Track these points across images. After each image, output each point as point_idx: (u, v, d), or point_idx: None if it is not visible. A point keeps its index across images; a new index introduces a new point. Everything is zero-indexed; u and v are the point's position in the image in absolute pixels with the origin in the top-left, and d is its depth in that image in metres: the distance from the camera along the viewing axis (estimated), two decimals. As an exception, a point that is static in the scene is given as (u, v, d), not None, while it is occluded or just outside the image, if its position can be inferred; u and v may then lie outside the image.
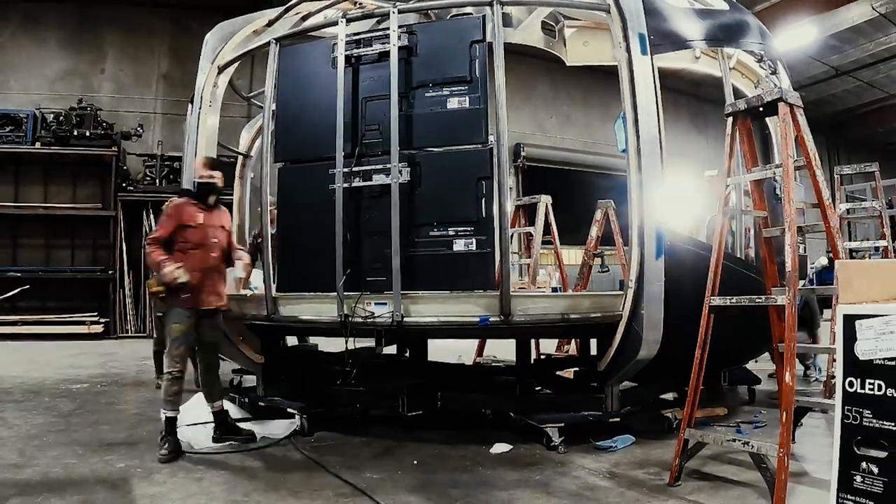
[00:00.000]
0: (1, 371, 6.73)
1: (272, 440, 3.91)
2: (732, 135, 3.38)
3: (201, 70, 5.07)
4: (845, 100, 18.41)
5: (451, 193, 3.94)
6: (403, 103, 3.98)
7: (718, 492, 2.93)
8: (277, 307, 4.24)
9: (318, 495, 2.90)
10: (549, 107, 16.06)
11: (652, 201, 3.74)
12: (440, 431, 4.12)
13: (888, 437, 1.65)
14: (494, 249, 3.82)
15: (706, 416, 4.44)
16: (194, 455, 3.58)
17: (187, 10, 12.51)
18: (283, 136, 4.42)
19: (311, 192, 4.21)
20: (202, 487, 3.01)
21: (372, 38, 4.18)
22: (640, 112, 3.80)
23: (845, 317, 1.78)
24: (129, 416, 4.66)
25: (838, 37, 14.63)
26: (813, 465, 3.29)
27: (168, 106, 12.75)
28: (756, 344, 4.79)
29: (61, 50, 12.52)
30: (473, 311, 3.82)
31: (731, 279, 4.24)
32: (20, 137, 11.14)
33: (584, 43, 6.04)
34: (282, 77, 4.40)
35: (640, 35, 3.87)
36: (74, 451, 3.63)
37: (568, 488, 3.00)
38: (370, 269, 3.99)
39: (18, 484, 3.00)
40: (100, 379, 6.46)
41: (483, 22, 4.01)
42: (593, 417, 3.93)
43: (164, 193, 11.58)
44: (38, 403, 5.02)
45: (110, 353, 8.80)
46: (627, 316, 3.75)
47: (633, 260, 3.77)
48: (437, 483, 3.09)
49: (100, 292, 11.52)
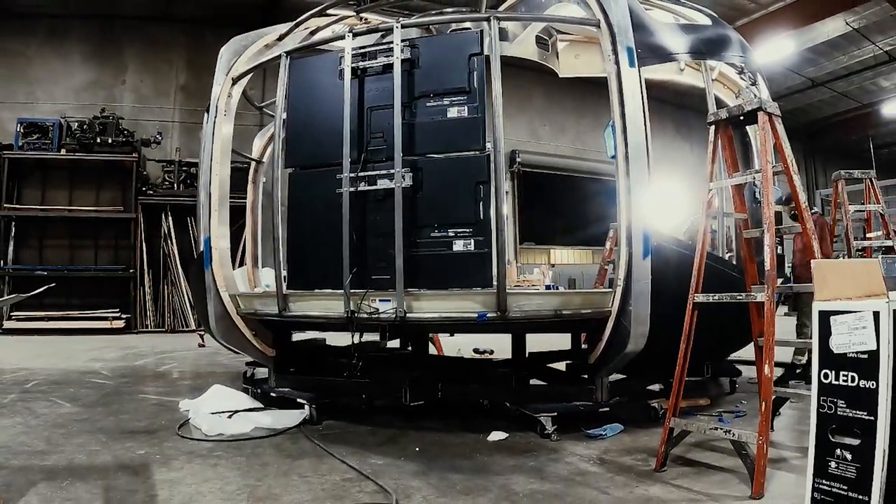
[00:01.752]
0: (29, 363, 6.74)
1: (283, 429, 3.91)
2: (715, 142, 3.39)
3: (216, 81, 5.07)
4: (821, 109, 18.43)
5: (451, 197, 3.94)
6: (406, 112, 3.98)
7: (701, 477, 2.93)
8: (288, 304, 4.24)
9: (326, 480, 2.91)
10: (543, 116, 16.06)
11: (639, 204, 3.74)
12: (441, 420, 4.13)
13: (860, 425, 1.66)
14: (492, 249, 3.82)
15: (690, 406, 4.44)
16: (210, 442, 3.59)
17: (203, 26, 12.51)
18: (293, 143, 4.42)
19: (320, 196, 4.21)
20: (217, 473, 3.01)
21: (377, 52, 4.18)
22: (628, 120, 3.80)
23: (820, 313, 1.78)
24: (149, 405, 4.67)
25: (814, 50, 14.66)
26: (791, 452, 3.30)
27: (185, 115, 12.76)
28: (736, 339, 4.79)
29: (85, 63, 12.53)
30: (472, 308, 3.82)
31: (713, 277, 4.26)
32: (47, 144, 11.15)
33: (575, 56, 6.04)
34: (292, 88, 4.40)
35: (628, 49, 3.88)
36: (97, 438, 3.63)
37: (560, 473, 3.00)
38: (375, 268, 3.99)
39: (45, 469, 3.00)
40: (121, 371, 6.47)
41: (481, 36, 4.02)
42: (584, 407, 3.94)
43: (182, 197, 11.65)
44: (63, 394, 5.03)
45: (131, 347, 8.81)
46: (616, 312, 3.75)
47: (621, 259, 3.77)
48: (437, 468, 3.10)
49: (121, 290, 11.52)
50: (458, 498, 2.65)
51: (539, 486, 2.80)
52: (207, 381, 5.49)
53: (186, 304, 11.54)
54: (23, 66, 12.20)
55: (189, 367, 7.00)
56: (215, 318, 4.71)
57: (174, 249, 11.75)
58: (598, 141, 12.75)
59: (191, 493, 2.69)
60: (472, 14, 5.23)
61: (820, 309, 1.78)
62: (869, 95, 18.07)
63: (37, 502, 2.54)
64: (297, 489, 2.78)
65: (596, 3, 4.10)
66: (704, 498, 2.63)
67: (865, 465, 1.64)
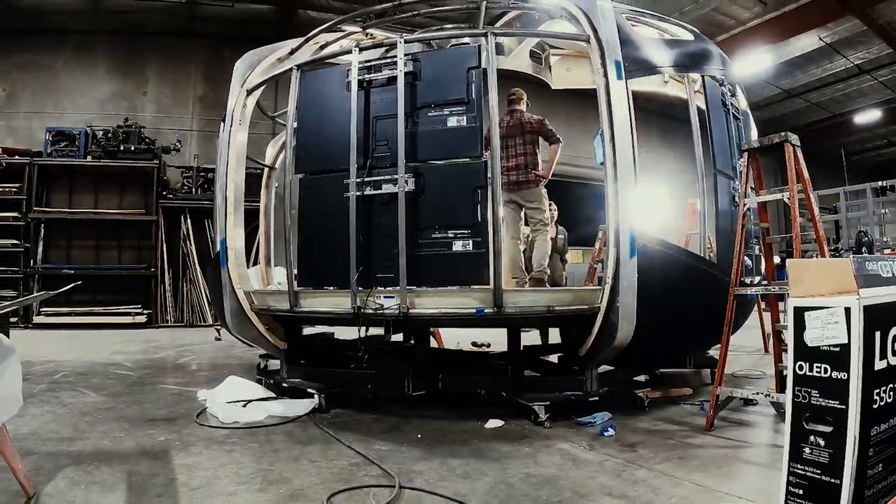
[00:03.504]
0: (57, 356, 6.74)
1: (294, 417, 3.91)
2: (746, 165, 3.75)
3: (231, 93, 5.07)
4: (796, 119, 18.41)
5: (451, 201, 3.94)
6: (409, 122, 3.98)
7: (685, 461, 2.93)
8: (299, 300, 4.24)
9: (334, 465, 2.91)
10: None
11: (626, 207, 3.74)
12: (441, 409, 4.12)
13: (832, 413, 1.66)
14: (488, 250, 3.82)
15: (675, 395, 4.45)
16: (226, 429, 3.59)
17: (220, 41, 12.51)
18: (304, 150, 4.42)
19: (328, 200, 4.21)
20: (233, 458, 3.01)
21: (381, 65, 4.18)
22: (616, 129, 3.80)
23: (795, 309, 1.78)
24: (169, 395, 4.67)
25: (790, 63, 14.66)
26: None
27: (203, 124, 12.76)
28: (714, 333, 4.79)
29: (109, 75, 12.54)
30: (470, 304, 3.83)
31: (700, 276, 4.28)
32: (74, 152, 11.17)
33: (567, 69, 6.06)
34: (302, 99, 4.40)
35: (616, 62, 3.88)
36: (121, 426, 3.63)
37: (553, 459, 3.00)
38: (380, 267, 3.99)
39: (72, 455, 3.00)
40: (143, 363, 6.46)
41: (478, 51, 4.02)
42: (575, 397, 3.94)
43: (200, 200, 11.65)
44: (89, 384, 5.03)
45: (152, 341, 8.81)
46: (605, 308, 3.75)
47: (609, 259, 3.77)
48: (438, 454, 3.09)
49: (143, 287, 11.52)
50: (458, 482, 2.65)
51: (533, 471, 2.80)
52: (223, 372, 5.49)
53: (204, 301, 11.54)
54: (52, 78, 12.21)
55: (206, 359, 7.00)
56: (231, 313, 4.71)
57: (192, 249, 11.75)
58: (588, 148, 12.74)
59: (208, 477, 2.69)
60: (470, 30, 5.23)
61: (795, 305, 1.78)
62: (840, 106, 18.06)
63: (65, 486, 2.54)
64: (307, 473, 2.77)
65: (586, 20, 4.10)
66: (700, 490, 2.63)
67: (837, 450, 1.64)
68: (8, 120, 11.93)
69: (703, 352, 5.12)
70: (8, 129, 11.84)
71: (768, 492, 2.49)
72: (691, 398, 4.37)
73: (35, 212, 11.01)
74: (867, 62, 14.83)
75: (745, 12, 12.43)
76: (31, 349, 7.05)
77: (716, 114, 4.62)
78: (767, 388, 3.99)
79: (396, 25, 6.36)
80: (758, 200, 3.81)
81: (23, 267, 10.82)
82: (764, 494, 2.45)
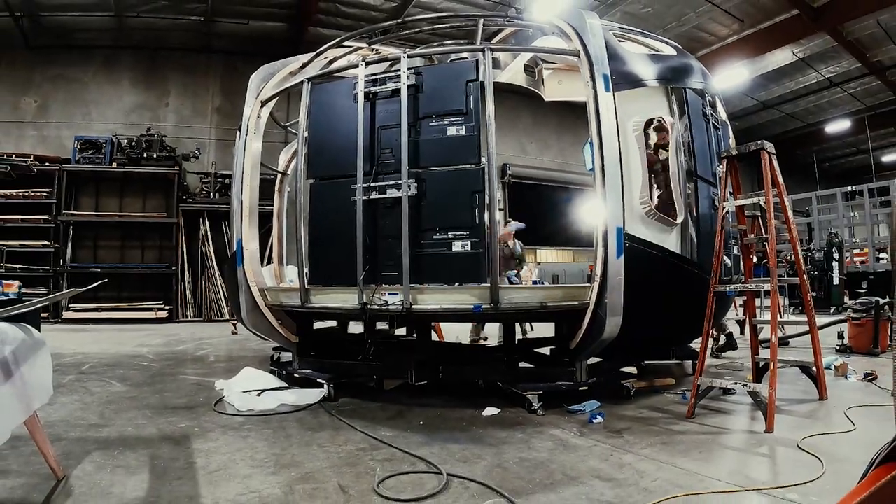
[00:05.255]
0: (85, 349, 6.74)
1: (305, 405, 3.91)
2: (725, 171, 3.82)
3: (247, 104, 5.07)
4: (771, 128, 18.41)
5: (451, 204, 3.93)
6: (412, 131, 3.98)
7: (668, 446, 2.93)
8: (309, 297, 4.24)
9: (342, 449, 2.91)
10: (530, 134, 16.05)
11: (614, 210, 3.74)
12: (441, 398, 4.13)
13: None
14: (486, 250, 3.82)
15: (658, 385, 4.45)
16: (242, 417, 3.59)
17: (236, 55, 12.52)
18: (314, 157, 4.42)
19: (337, 204, 4.21)
20: (248, 443, 3.01)
21: (386, 78, 4.18)
22: (604, 138, 3.80)
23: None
24: (189, 385, 4.67)
25: (765, 77, 14.67)
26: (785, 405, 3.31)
27: (220, 133, 12.77)
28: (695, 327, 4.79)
29: (133, 88, 12.56)
30: (469, 300, 3.82)
31: (678, 273, 4.27)
32: (100, 159, 11.19)
33: (558, 82, 6.05)
34: (312, 109, 4.40)
35: (605, 76, 3.87)
36: (144, 413, 3.63)
37: (545, 444, 3.00)
38: (385, 266, 3.98)
39: (98, 440, 3.00)
40: (165, 355, 6.46)
41: (476, 65, 4.01)
42: (566, 386, 3.93)
43: (217, 204, 11.65)
44: (114, 375, 5.03)
45: (173, 334, 8.81)
46: (594, 304, 3.74)
47: (598, 258, 3.77)
48: (439, 439, 3.09)
49: (165, 285, 11.53)
50: (457, 465, 2.65)
51: (526, 455, 2.80)
52: (239, 363, 5.49)
53: (221, 297, 11.54)
54: (80, 90, 12.23)
55: (223, 351, 7.00)
56: (246, 308, 4.71)
57: (210, 250, 11.75)
58: (578, 156, 12.76)
59: (225, 461, 2.69)
60: (468, 46, 5.22)
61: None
62: (812, 116, 18.06)
63: (92, 469, 2.54)
64: (317, 457, 2.77)
65: (576, 36, 4.10)
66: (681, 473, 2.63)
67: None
68: (39, 129, 11.95)
69: (686, 344, 5.12)
70: (39, 138, 11.86)
71: (746, 474, 2.50)
72: (674, 388, 4.37)
73: (64, 215, 11.02)
74: (837, 75, 14.83)
75: (724, 29, 12.44)
76: (60, 342, 7.05)
77: (697, 123, 4.62)
78: (745, 378, 4.00)
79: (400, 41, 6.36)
80: (736, 204, 3.85)
81: (53, 266, 10.84)
82: (742, 476, 2.46)
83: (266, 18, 11.77)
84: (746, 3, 11.31)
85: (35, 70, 11.97)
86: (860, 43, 12.96)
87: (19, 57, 11.80)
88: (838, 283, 11.68)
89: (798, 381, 4.22)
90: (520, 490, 2.33)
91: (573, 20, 4.24)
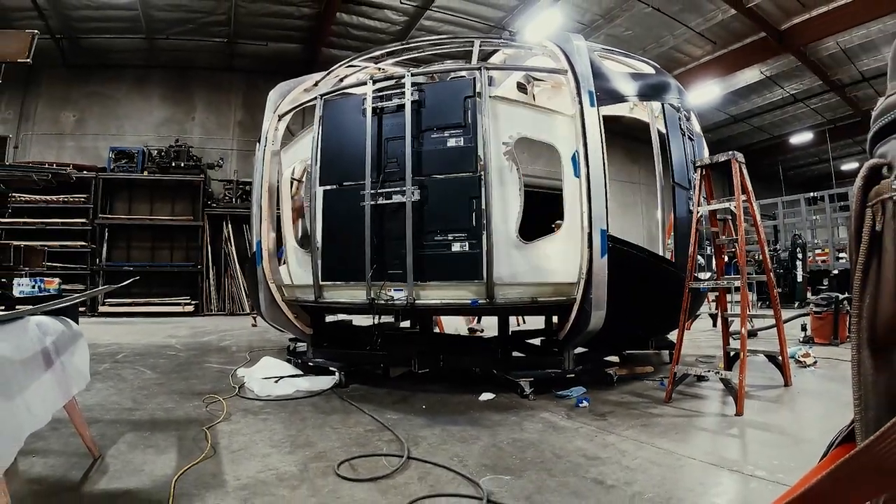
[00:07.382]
0: (119, 340, 6.74)
1: (318, 391, 3.91)
2: (700, 179, 3.84)
3: (266, 118, 5.07)
4: (740, 140, 18.38)
5: (450, 209, 3.93)
6: (415, 142, 3.98)
7: (648, 428, 2.93)
8: (322, 293, 4.24)
9: (352, 431, 2.91)
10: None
11: (598, 214, 3.74)
12: (442, 384, 4.13)
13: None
14: (482, 250, 3.81)
15: (638, 373, 4.44)
16: (261, 401, 3.59)
17: (256, 74, 12.52)
18: (326, 166, 4.41)
19: (347, 208, 4.21)
20: (266, 425, 3.01)
21: (392, 94, 4.18)
22: (589, 149, 3.80)
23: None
24: (213, 372, 4.66)
25: (736, 93, 14.65)
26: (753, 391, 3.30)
27: (241, 144, 12.76)
28: (672, 319, 4.79)
29: (162, 103, 12.56)
30: (467, 296, 3.82)
31: (659, 272, 4.27)
32: (132, 168, 11.19)
33: (548, 98, 6.03)
34: (325, 123, 4.40)
35: (590, 92, 3.87)
36: (173, 398, 3.63)
37: (536, 426, 3.00)
38: (390, 265, 3.99)
39: (131, 422, 3.00)
40: (191, 345, 6.46)
41: (474, 82, 4.01)
42: (555, 374, 3.93)
43: (239, 209, 11.64)
44: (145, 363, 5.03)
45: (199, 327, 8.80)
46: (580, 299, 3.74)
47: (583, 258, 3.77)
48: (440, 422, 3.09)
49: (191, 282, 11.52)
50: (456, 445, 2.65)
51: (519, 436, 2.80)
52: (259, 353, 5.49)
53: (242, 293, 11.53)
54: (114, 105, 12.23)
55: (244, 342, 6.99)
56: (265, 303, 4.71)
57: (232, 250, 11.75)
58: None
59: (246, 441, 2.69)
60: (466, 65, 5.22)
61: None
62: (778, 129, 18.03)
63: (125, 448, 2.54)
64: (329, 438, 2.77)
65: (563, 57, 4.10)
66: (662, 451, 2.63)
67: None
68: (78, 141, 11.95)
69: (663, 336, 5.12)
70: (78, 149, 11.86)
71: (719, 453, 2.50)
72: (653, 375, 4.37)
73: (100, 218, 11.03)
74: (801, 92, 14.82)
75: (698, 50, 12.44)
76: (97, 334, 7.04)
77: (674, 135, 4.62)
78: (717, 366, 4.00)
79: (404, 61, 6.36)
80: (709, 208, 3.86)
81: (90, 265, 10.84)
82: (715, 456, 2.45)
83: (284, 40, 11.77)
84: (718, 26, 11.31)
85: (73, 87, 11.98)
86: (822, 63, 12.95)
87: (59, 75, 11.81)
88: (802, 280, 11.68)
89: (766, 369, 4.22)
90: (513, 467, 2.33)
91: (561, 42, 4.25)
